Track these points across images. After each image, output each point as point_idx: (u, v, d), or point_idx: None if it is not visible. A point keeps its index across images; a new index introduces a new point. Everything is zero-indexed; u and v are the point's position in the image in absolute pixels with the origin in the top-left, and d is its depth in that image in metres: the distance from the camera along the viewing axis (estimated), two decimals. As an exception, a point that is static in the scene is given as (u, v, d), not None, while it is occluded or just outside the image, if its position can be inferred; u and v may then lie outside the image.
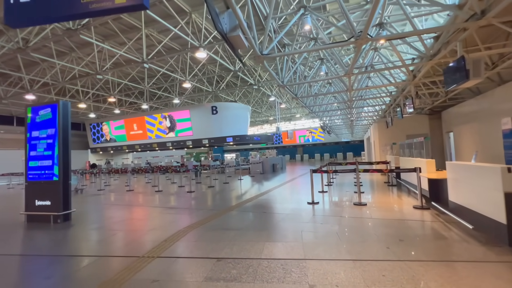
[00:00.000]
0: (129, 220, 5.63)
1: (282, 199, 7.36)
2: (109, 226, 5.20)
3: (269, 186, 10.34)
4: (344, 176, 12.40)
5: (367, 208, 5.68)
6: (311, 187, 6.68)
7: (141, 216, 6.08)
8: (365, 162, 9.69)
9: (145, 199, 8.50)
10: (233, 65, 13.15)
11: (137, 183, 13.98)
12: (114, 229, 4.95)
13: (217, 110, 19.65)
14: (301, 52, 5.96)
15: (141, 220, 5.63)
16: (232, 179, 13.82)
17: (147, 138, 22.68)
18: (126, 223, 5.43)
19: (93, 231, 4.87)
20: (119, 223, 5.44)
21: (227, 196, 8.47)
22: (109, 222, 5.56)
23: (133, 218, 5.82)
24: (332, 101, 11.86)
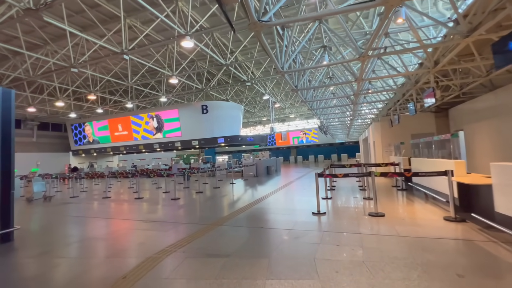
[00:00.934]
0: (86, 241, 4.40)
1: (281, 209, 6.26)
2: (58, 251, 3.96)
3: (264, 191, 9.23)
4: (345, 179, 11.43)
5: (386, 220, 4.64)
6: (317, 194, 5.61)
7: (105, 234, 4.85)
8: (372, 164, 8.70)
9: (119, 210, 7.24)
10: (224, 59, 12.03)
11: (118, 189, 12.62)
12: (61, 256, 3.73)
13: (208, 109, 18.46)
14: (307, 18, 4.73)
15: (103, 241, 4.41)
16: (223, 183, 12.65)
17: (133, 140, 21.26)
18: (82, 245, 4.21)
19: (32, 260, 3.63)
20: (72, 245, 4.21)
21: (217, 204, 7.30)
22: (61, 244, 4.32)
23: (94, 238, 4.59)
24: (333, 97, 10.89)
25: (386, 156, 11.92)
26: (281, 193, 8.66)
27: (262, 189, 10.02)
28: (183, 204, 7.42)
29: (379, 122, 14.34)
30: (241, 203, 7.16)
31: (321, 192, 7.05)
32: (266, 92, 17.94)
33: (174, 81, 13.16)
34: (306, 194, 8.23)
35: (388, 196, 7.04)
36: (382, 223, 4.47)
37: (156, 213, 6.43)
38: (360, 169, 8.35)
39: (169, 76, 12.99)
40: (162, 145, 20.03)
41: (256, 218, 5.37)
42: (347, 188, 8.82)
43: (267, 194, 8.34)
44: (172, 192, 9.68)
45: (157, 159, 22.81)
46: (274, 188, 9.79)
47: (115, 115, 21.94)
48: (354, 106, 9.64)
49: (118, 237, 4.52)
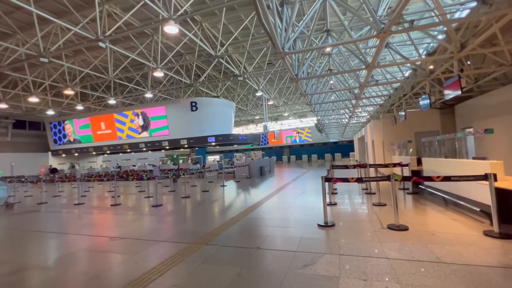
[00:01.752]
0: (22, 273, 3.31)
1: (280, 219, 5.29)
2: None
3: (258, 195, 8.25)
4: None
5: (413, 235, 3.74)
6: (324, 202, 4.67)
7: (52, 260, 3.76)
8: (378, 165, 7.83)
9: (86, 221, 6.11)
10: (214, 50, 10.98)
11: (96, 193, 11.39)
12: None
13: (197, 107, 17.33)
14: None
15: (44, 271, 3.32)
16: (213, 186, 11.60)
17: (117, 139, 19.88)
18: (15, 278, 3.12)
19: None
20: (2, 278, 3.12)
21: (204, 212, 6.27)
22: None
23: (33, 267, 3.49)
24: (333, 90, 10.02)
25: (388, 155, 11.15)
26: (278, 197, 7.70)
27: (256, 192, 9.03)
28: (165, 213, 6.35)
29: (380, 120, 13.59)
30: (233, 211, 6.15)
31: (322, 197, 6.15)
32: (259, 89, 16.95)
33: (159, 74, 12.02)
34: (307, 198, 7.30)
35: (400, 202, 6.19)
36: (409, 240, 3.57)
37: (129, 225, 5.35)
38: (366, 171, 7.49)
39: (154, 69, 11.82)
40: (149, 144, 18.76)
41: (250, 233, 4.38)
42: (350, 191, 7.93)
43: (262, 199, 7.36)
44: (155, 197, 8.57)
45: (143, 160, 21.45)
46: (269, 192, 8.82)
47: (98, 113, 20.50)
48: (356, 101, 8.77)
49: (67, 266, 3.43)
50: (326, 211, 4.59)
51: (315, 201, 6.85)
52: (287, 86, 21.66)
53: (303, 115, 36.74)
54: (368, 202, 6.29)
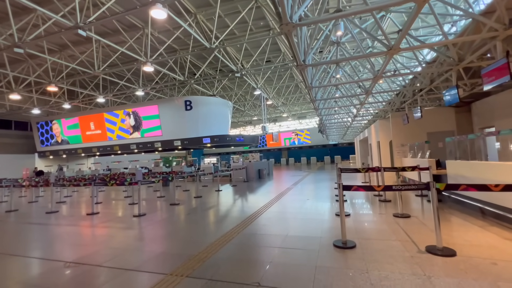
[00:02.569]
0: None
1: (284, 235, 4.29)
2: None
3: (257, 202, 7.25)
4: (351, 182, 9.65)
5: (466, 265, 2.77)
6: (341, 216, 3.70)
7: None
8: (391, 168, 6.86)
9: (49, 236, 5.07)
10: (209, 42, 10.04)
11: (78, 199, 10.32)
12: None
13: (192, 106, 16.35)
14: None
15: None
16: (208, 191, 10.58)
17: (107, 140, 18.80)
18: None
19: None
20: None
21: (192, 225, 5.26)
22: None
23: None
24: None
25: (398, 158, 10.22)
26: (279, 205, 6.71)
27: (255, 199, 8.03)
28: (146, 225, 5.33)
29: (387, 119, 12.69)
30: (227, 223, 5.15)
31: (333, 205, 5.20)
32: (258, 87, 16.02)
33: (149, 68, 11.03)
34: (313, 207, 6.32)
35: (425, 213, 5.24)
36: (466, 273, 2.60)
37: (97, 244, 4.32)
38: (381, 175, 6.54)
39: (144, 63, 10.84)
40: (140, 145, 17.71)
41: (247, 258, 3.38)
42: (362, 199, 6.98)
43: (261, 208, 6.36)
44: (139, 205, 7.54)
45: (134, 162, 20.35)
46: (269, 198, 7.83)
47: (87, 112, 19.41)
48: (367, 96, 7.83)
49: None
50: (344, 229, 3.61)
51: (323, 210, 5.88)
52: (287, 85, 20.78)
53: (302, 116, 35.90)
54: (387, 212, 5.33)
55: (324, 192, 8.70)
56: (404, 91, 8.68)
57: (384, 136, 12.81)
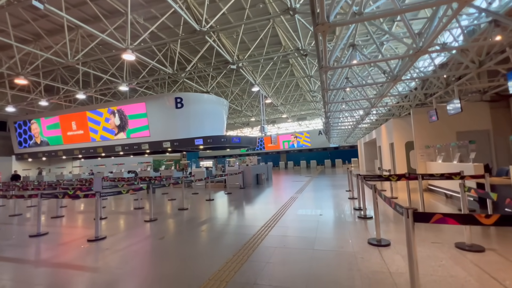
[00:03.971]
0: None
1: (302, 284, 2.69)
2: None
3: (256, 220, 5.65)
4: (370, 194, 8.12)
5: None
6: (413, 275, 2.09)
7: None
8: (427, 175, 5.26)
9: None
10: (199, 25, 8.50)
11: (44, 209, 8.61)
12: None
13: (183, 103, 14.76)
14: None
15: None
16: (197, 200, 8.94)
17: (90, 141, 17.08)
18: None
19: None
20: None
21: (160, 261, 3.63)
22: None
23: None
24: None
25: (422, 161, 8.68)
26: (286, 225, 5.10)
27: (252, 214, 6.40)
28: (94, 260, 3.70)
29: (403, 118, 11.23)
30: (211, 259, 3.52)
31: (356, 225, 3.58)
32: (256, 83, 14.49)
33: (130, 57, 9.44)
34: (331, 227, 4.74)
35: (503, 243, 3.68)
36: None
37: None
38: (420, 184, 5.00)
39: (123, 49, 9.26)
40: (126, 147, 16.01)
41: None
42: (387, 215, 5.39)
43: (262, 230, 4.75)
44: (104, 222, 5.90)
45: (119, 165, 18.60)
46: (270, 212, 6.21)
47: (68, 111, 17.70)
48: (393, 84, 6.29)
49: None
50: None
51: (345, 233, 4.29)
52: (287, 83, 19.30)
53: (302, 118, 34.45)
54: (443, 241, 3.75)
55: (336, 203, 7.11)
56: (432, 80, 7.17)
57: (400, 137, 11.32)
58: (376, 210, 3.74)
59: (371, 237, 3.97)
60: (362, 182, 5.22)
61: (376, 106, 8.71)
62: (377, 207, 3.75)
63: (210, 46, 12.28)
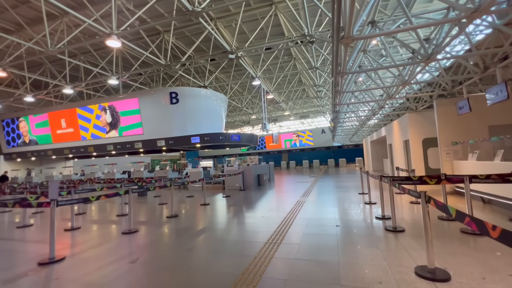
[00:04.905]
0: None
1: None
2: None
3: (258, 230, 4.58)
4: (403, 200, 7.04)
5: None
6: None
7: None
8: (473, 177, 4.11)
9: None
10: (192, 4, 7.41)
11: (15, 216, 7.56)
12: None
13: (178, 98, 13.69)
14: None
15: None
16: (190, 205, 7.87)
17: (80, 139, 16.04)
18: None
19: None
20: None
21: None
22: None
23: None
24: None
25: (447, 160, 7.56)
26: (297, 240, 4.02)
27: (254, 225, 5.32)
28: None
29: (420, 113, 10.14)
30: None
31: (388, 244, 2.51)
32: (257, 76, 13.41)
33: (115, 43, 8.37)
34: (355, 246, 3.65)
35: None
36: None
37: None
38: (467, 189, 3.90)
39: (107, 35, 8.21)
40: (118, 146, 14.95)
41: None
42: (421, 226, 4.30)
43: (267, 247, 3.68)
44: (77, 233, 4.84)
45: (110, 165, 17.54)
46: (276, 222, 5.13)
47: (57, 107, 16.66)
48: (413, 70, 5.22)
49: None
50: None
51: (381, 254, 3.20)
52: (289, 79, 18.22)
53: (305, 116, 33.34)
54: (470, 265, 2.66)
55: (351, 210, 6.02)
56: (463, 63, 6.07)
57: (416, 133, 10.21)
58: (428, 224, 2.65)
59: (418, 263, 2.88)
60: (391, 186, 4.13)
61: (394, 97, 7.60)
62: (428, 220, 2.66)
63: (207, 38, 11.24)
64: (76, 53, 13.40)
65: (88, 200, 4.29)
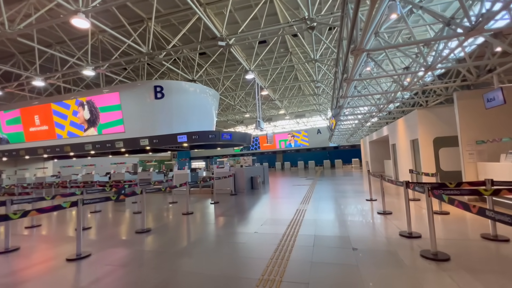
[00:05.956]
0: None
1: None
2: None
3: (250, 257, 3.40)
4: (395, 203, 5.98)
5: None
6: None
7: None
8: None
9: None
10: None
11: None
12: None
13: (164, 93, 12.40)
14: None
15: None
16: (171, 214, 6.61)
17: (56, 138, 14.55)
18: None
19: None
20: None
21: None
22: None
23: None
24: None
25: (471, 161, 6.52)
26: (304, 274, 2.85)
27: (245, 248, 4.11)
28: None
29: (430, 109, 9.16)
30: None
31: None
32: (251, 69, 12.24)
33: (82, 23, 7.07)
34: (385, 283, 2.51)
35: None
36: None
37: None
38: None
39: (73, 12, 6.92)
40: (97, 145, 13.53)
41: None
42: (478, 255, 3.19)
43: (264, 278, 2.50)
44: (8, 258, 3.55)
45: (89, 167, 16.08)
46: (273, 242, 3.96)
47: (30, 102, 15.14)
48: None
49: None
50: None
51: None
52: (285, 75, 17.12)
53: (300, 115, 32.31)
54: None
55: (366, 223, 4.89)
56: (493, 42, 5.02)
57: (427, 132, 9.21)
58: None
59: None
60: (430, 196, 3.00)
61: (409, 88, 6.52)
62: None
63: (196, 28, 10.05)
64: (52, 43, 12.03)
65: (8, 218, 3.02)
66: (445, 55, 5.00)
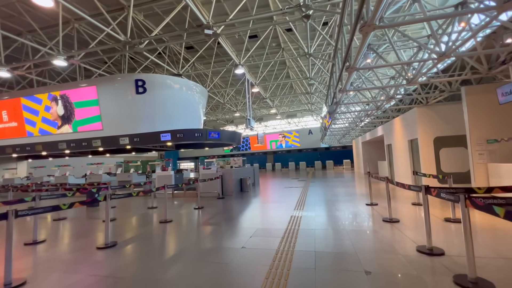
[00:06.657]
0: None
1: None
2: None
3: (236, 284, 2.60)
4: (398, 207, 5.36)
5: None
6: None
7: None
8: None
9: None
10: None
11: None
12: None
13: (146, 87, 11.42)
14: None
15: None
16: (147, 223, 5.71)
17: (26, 135, 13.25)
18: None
19: None
20: None
21: None
22: None
23: None
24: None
25: (481, 162, 5.95)
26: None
27: (230, 265, 3.29)
28: None
29: (430, 107, 8.63)
30: None
31: None
32: (241, 63, 11.44)
33: (46, 1, 6.08)
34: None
35: None
36: None
37: None
38: None
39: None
40: (72, 144, 12.34)
41: None
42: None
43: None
44: None
45: (63, 167, 14.81)
46: (266, 258, 3.18)
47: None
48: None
49: None
50: None
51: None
52: (276, 74, 16.41)
53: (292, 115, 31.76)
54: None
55: (373, 235, 4.18)
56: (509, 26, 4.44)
57: (427, 131, 8.68)
58: None
59: None
60: (468, 206, 2.29)
61: (415, 81, 5.90)
62: None
63: (182, 19, 9.19)
64: (22, 31, 10.89)
65: None
66: (459, 44, 4.36)
